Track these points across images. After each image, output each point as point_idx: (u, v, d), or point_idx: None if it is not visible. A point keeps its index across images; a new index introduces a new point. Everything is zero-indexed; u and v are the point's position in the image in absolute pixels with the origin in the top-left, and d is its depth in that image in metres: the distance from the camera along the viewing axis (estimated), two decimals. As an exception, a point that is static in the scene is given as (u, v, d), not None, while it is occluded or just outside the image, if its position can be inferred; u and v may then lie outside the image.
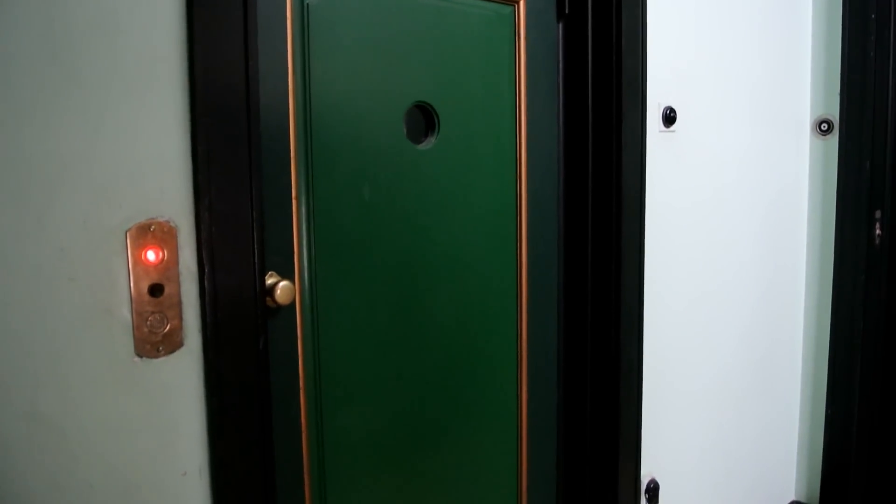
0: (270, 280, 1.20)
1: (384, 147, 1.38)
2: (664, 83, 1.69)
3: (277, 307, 1.23)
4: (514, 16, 1.55)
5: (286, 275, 1.25)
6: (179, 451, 1.05)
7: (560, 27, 1.65)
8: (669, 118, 1.69)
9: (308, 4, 1.25)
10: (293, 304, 1.27)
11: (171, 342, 1.03)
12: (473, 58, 1.49)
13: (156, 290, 1.00)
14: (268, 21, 1.19)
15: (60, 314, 0.93)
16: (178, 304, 1.03)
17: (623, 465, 1.68)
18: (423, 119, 1.45)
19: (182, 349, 1.04)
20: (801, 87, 2.11)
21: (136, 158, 0.98)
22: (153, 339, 1.01)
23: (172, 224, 1.02)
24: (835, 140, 2.05)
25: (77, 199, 0.94)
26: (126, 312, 0.99)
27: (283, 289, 1.19)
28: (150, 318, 1.00)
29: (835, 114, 2.05)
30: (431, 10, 1.42)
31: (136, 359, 1.00)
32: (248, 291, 1.09)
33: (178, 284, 1.03)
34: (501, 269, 1.60)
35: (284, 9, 1.22)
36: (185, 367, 1.05)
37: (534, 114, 1.60)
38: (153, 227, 0.99)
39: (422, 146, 1.45)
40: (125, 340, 0.99)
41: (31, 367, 0.92)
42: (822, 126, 2.08)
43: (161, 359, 1.02)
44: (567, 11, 1.62)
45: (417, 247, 1.45)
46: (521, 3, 1.55)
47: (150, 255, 0.99)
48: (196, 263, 1.04)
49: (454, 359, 1.54)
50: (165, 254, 1.01)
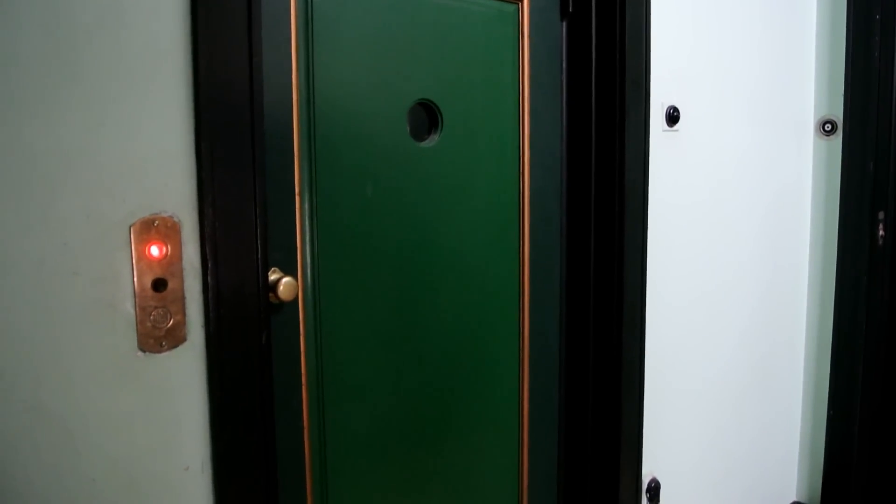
0: (273, 276, 1.20)
1: (387, 144, 1.38)
2: (668, 82, 1.69)
3: (280, 303, 1.23)
4: (518, 14, 1.55)
5: (289, 271, 1.26)
6: (182, 446, 1.06)
7: (563, 26, 1.65)
8: (673, 117, 1.69)
9: (312, 1, 1.25)
10: (296, 301, 1.28)
11: (174, 337, 1.03)
12: (477, 56, 1.49)
13: (159, 285, 1.00)
14: (272, 17, 1.19)
15: (64, 308, 0.93)
16: (182, 300, 1.03)
17: (624, 465, 1.68)
18: (427, 117, 1.46)
19: (185, 344, 1.04)
20: (805, 88, 2.10)
21: (140, 153, 0.98)
22: (156, 334, 1.01)
23: (176, 219, 1.02)
24: (838, 140, 2.05)
25: (81, 194, 0.94)
26: (129, 307, 0.99)
27: (286, 285, 1.19)
28: (154, 313, 1.00)
29: (838, 114, 2.05)
30: (435, 8, 1.42)
31: (140, 353, 1.00)
32: (251, 287, 1.09)
33: (182, 279, 1.03)
34: (503, 267, 1.60)
35: (288, 5, 1.22)
36: (188, 362, 1.05)
37: (537, 112, 1.60)
38: (157, 223, 1.00)
39: (425, 144, 1.45)
40: (128, 335, 0.99)
41: (35, 362, 0.92)
42: (826, 126, 2.08)
43: (164, 354, 1.02)
44: (570, 10, 1.62)
45: (420, 244, 1.45)
46: (525, 2, 1.55)
47: (154, 250, 0.99)
48: (199, 259, 1.05)
49: (456, 356, 1.54)
50: (169, 249, 1.01)
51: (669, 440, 1.84)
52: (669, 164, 1.72)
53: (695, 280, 1.85)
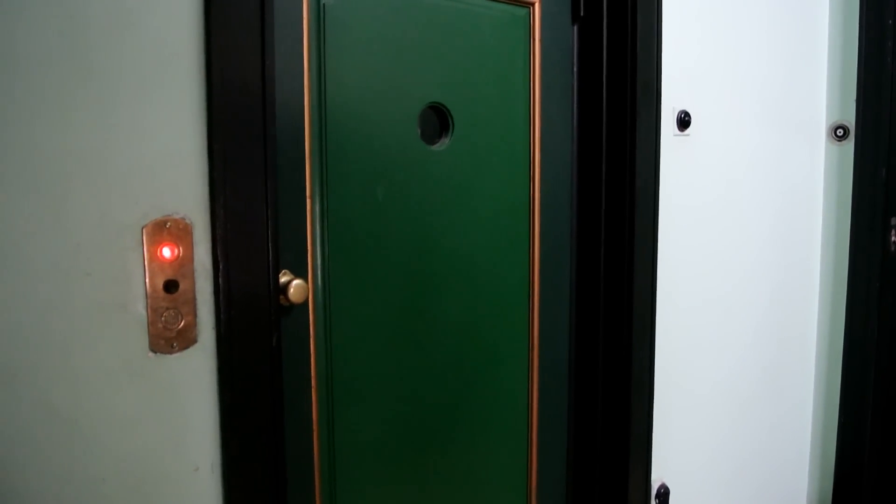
0: (284, 278, 1.20)
1: (398, 147, 1.38)
2: (679, 87, 1.68)
3: (290, 305, 1.23)
4: (530, 18, 1.55)
5: (299, 273, 1.26)
6: (191, 447, 1.06)
7: (575, 29, 1.64)
8: (684, 122, 1.68)
9: (324, 4, 1.25)
10: (306, 303, 1.28)
11: (185, 338, 1.03)
12: (488, 59, 1.49)
13: (171, 287, 1.01)
14: (284, 20, 1.20)
15: (76, 309, 0.94)
16: (193, 301, 1.04)
17: (634, 469, 1.68)
18: (438, 120, 1.46)
19: (196, 345, 1.05)
20: (817, 93, 2.09)
21: (153, 155, 0.99)
22: (167, 335, 1.01)
23: (188, 221, 1.02)
24: (850, 146, 2.04)
25: (93, 195, 0.94)
26: (141, 308, 0.99)
27: (297, 287, 1.19)
28: (165, 314, 1.01)
29: (851, 120, 2.03)
30: (447, 12, 1.42)
31: (151, 354, 1.01)
32: (262, 289, 1.09)
33: (193, 281, 1.04)
34: (513, 270, 1.59)
35: (301, 8, 1.22)
36: (199, 364, 1.05)
37: (548, 116, 1.60)
38: (169, 224, 1.00)
39: (436, 147, 1.45)
40: (139, 336, 1.00)
41: (47, 362, 0.92)
42: (838, 132, 2.06)
43: (175, 355, 1.03)
44: (582, 14, 1.62)
45: (430, 247, 1.45)
46: (537, 6, 1.55)
47: (166, 252, 1.00)
48: (211, 260, 1.05)
49: (465, 359, 1.54)
50: (181, 250, 1.01)
51: (679, 445, 1.83)
52: (680, 169, 1.71)
53: (705, 283, 1.84)
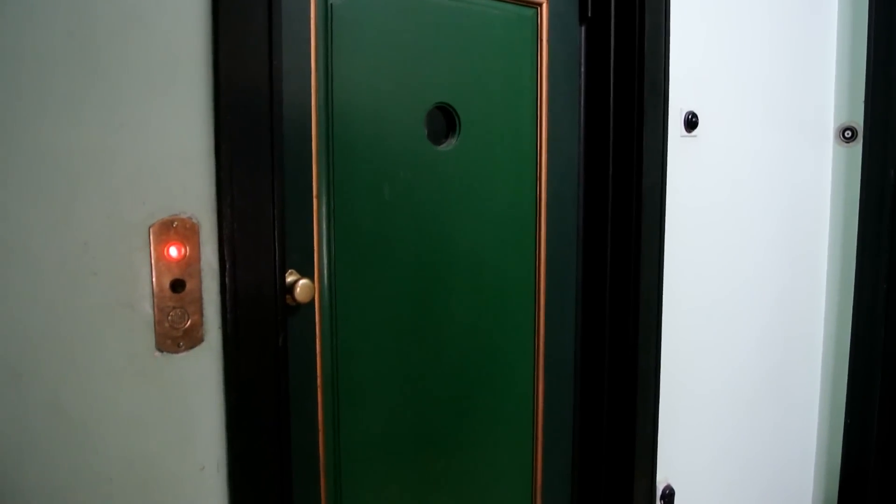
0: (290, 278, 1.20)
1: (405, 147, 1.38)
2: (686, 88, 1.68)
3: (297, 305, 1.23)
4: (537, 18, 1.55)
5: (306, 273, 1.26)
6: (198, 446, 1.06)
7: (582, 30, 1.64)
8: (691, 123, 1.68)
9: (332, 4, 1.25)
10: (312, 303, 1.28)
11: (192, 338, 1.03)
12: (495, 60, 1.49)
13: (177, 286, 1.01)
14: (291, 20, 1.20)
15: (83, 308, 0.94)
16: (199, 300, 1.04)
17: (639, 470, 1.67)
18: (444, 120, 1.46)
19: (202, 345, 1.05)
20: (826, 95, 2.08)
21: (160, 155, 0.99)
22: (174, 335, 1.01)
23: (195, 220, 1.03)
24: (858, 148, 2.03)
25: (101, 195, 0.94)
26: (148, 307, 1.00)
27: (303, 287, 1.19)
28: (172, 314, 1.01)
29: (859, 121, 2.02)
30: (454, 12, 1.42)
31: (157, 353, 1.01)
32: (269, 289, 1.09)
33: (200, 280, 1.04)
34: (520, 270, 1.59)
35: (308, 9, 1.22)
36: (205, 363, 1.06)
37: (555, 116, 1.60)
38: (176, 224, 1.00)
39: (442, 147, 1.45)
40: (146, 335, 1.00)
41: (53, 361, 0.93)
42: (846, 133, 2.05)
43: (181, 354, 1.03)
44: (590, 15, 1.62)
45: (436, 247, 1.45)
46: (544, 6, 1.55)
47: (173, 251, 1.00)
48: (217, 260, 1.05)
49: (471, 359, 1.54)
50: (188, 250, 1.01)
51: (685, 446, 1.83)
52: (687, 170, 1.70)
53: (711, 284, 1.83)
